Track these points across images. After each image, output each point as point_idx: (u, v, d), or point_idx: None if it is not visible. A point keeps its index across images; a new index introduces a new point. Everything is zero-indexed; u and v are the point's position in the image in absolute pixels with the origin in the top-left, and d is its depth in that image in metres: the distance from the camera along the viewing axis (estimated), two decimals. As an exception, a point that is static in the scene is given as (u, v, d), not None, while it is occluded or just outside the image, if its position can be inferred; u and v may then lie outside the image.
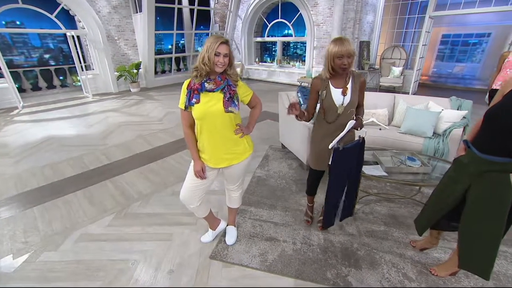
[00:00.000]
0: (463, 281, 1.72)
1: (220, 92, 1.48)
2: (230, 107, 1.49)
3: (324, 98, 1.66)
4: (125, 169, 3.23)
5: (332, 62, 1.56)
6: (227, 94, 1.49)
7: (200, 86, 1.44)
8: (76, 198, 2.68)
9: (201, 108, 1.47)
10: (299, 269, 1.81)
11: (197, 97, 1.47)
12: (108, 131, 4.61)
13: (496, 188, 1.34)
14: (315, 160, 1.94)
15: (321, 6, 7.96)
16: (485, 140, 1.37)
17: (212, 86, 1.45)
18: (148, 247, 2.01)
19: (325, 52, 1.61)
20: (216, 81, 1.46)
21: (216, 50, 1.37)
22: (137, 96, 7.42)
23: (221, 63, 1.40)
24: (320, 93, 1.69)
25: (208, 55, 1.37)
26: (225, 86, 1.48)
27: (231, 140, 1.61)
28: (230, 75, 1.50)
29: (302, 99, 3.54)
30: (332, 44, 1.55)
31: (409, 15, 8.34)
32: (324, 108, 1.69)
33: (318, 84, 1.69)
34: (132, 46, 8.33)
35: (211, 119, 1.50)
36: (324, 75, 1.66)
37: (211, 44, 1.37)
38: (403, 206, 2.45)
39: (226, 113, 1.49)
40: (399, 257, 1.90)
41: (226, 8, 10.05)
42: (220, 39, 1.38)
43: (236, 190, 1.92)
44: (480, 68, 10.49)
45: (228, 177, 1.82)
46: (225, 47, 1.39)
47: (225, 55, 1.40)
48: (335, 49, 1.52)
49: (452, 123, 2.83)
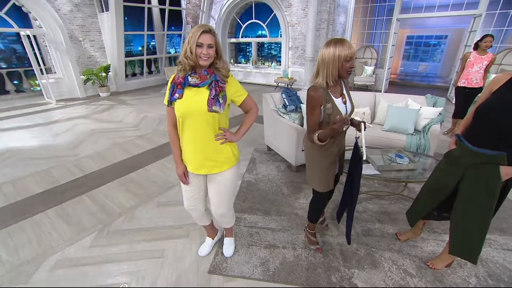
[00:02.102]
0: (458, 271, 1.80)
1: (206, 88, 1.30)
2: (214, 106, 1.30)
3: (331, 112, 1.41)
4: (102, 181, 2.96)
5: (340, 66, 1.36)
6: (213, 91, 1.30)
7: (183, 80, 1.29)
8: (47, 218, 2.39)
9: (183, 104, 1.31)
10: (303, 275, 1.76)
11: (180, 91, 1.31)
12: (79, 140, 4.22)
13: (486, 180, 1.40)
14: (325, 180, 1.64)
15: (295, 7, 8.08)
16: (475, 134, 1.43)
17: (196, 81, 1.28)
18: (139, 267, 1.84)
19: (326, 57, 1.37)
20: (201, 75, 1.29)
21: (198, 41, 1.21)
22: (107, 101, 6.93)
23: (204, 54, 1.23)
24: (324, 106, 1.41)
25: (190, 46, 1.22)
26: (212, 81, 1.30)
27: (213, 145, 1.41)
28: (219, 68, 1.32)
29: (287, 100, 3.52)
30: (336, 46, 1.33)
31: (377, 17, 8.78)
32: (329, 122, 1.44)
33: (321, 96, 1.41)
34: (99, 48, 7.78)
35: (193, 118, 1.33)
36: (323, 84, 1.41)
37: (193, 34, 1.21)
38: (393, 202, 2.52)
39: (209, 112, 1.31)
40: (397, 253, 1.94)
41: (199, 8, 9.80)
42: (202, 28, 1.22)
43: (222, 216, 1.68)
44: (440, 67, 11.42)
45: (211, 195, 1.59)
46: (209, 36, 1.22)
47: (209, 46, 1.23)
48: (345, 52, 1.32)
49: (430, 119, 2.98)
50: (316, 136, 1.43)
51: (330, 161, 1.60)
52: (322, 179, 1.64)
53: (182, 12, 9.99)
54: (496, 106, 1.32)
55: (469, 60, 3.92)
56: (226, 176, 1.52)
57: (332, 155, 1.59)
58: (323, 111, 1.44)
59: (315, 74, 1.45)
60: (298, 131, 2.94)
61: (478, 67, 3.83)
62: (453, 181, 1.54)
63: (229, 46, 10.57)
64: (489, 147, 1.36)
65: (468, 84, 3.95)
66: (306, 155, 1.69)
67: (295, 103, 3.48)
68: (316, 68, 1.44)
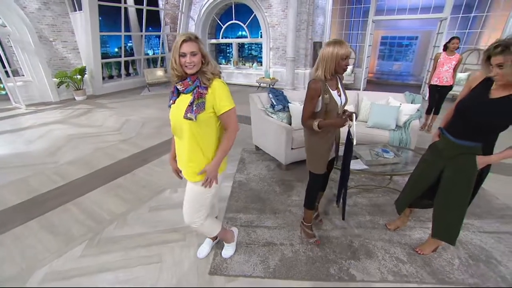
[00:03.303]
0: (443, 254, 1.94)
1: (190, 95, 1.30)
2: (189, 113, 1.27)
3: (329, 102, 1.59)
4: (88, 188, 2.82)
5: (337, 63, 1.55)
6: (193, 97, 1.29)
7: (174, 88, 1.38)
8: (29, 230, 2.24)
9: (172, 110, 1.39)
10: (303, 270, 1.81)
11: (173, 98, 1.38)
12: (56, 146, 3.99)
13: (465, 169, 1.54)
14: (323, 163, 1.82)
15: (275, 8, 8.19)
16: (456, 128, 1.57)
17: (181, 88, 1.31)
18: (136, 274, 1.79)
19: (325, 55, 1.54)
20: (184, 82, 1.30)
21: (180, 51, 1.22)
22: (84, 105, 6.60)
23: (189, 63, 1.24)
24: (322, 96, 1.59)
25: (174, 57, 1.25)
26: (195, 87, 1.29)
27: (188, 153, 1.39)
28: (205, 72, 1.30)
29: (274, 100, 3.57)
30: (335, 46, 1.52)
31: (353, 19, 9.14)
32: (327, 110, 1.63)
33: (320, 88, 1.58)
34: (72, 49, 7.39)
35: (176, 124, 1.37)
36: (322, 77, 1.59)
37: (175, 45, 1.23)
38: (381, 195, 2.65)
39: (184, 119, 1.29)
40: (388, 242, 2.05)
41: (177, 8, 9.62)
42: (181, 38, 1.22)
43: (194, 221, 1.57)
44: (413, 66, 12.13)
45: None
46: (190, 44, 1.22)
47: (193, 54, 1.23)
48: (342, 51, 1.51)
49: (410, 115, 3.18)
50: (316, 123, 1.60)
51: (328, 145, 1.78)
52: (320, 161, 1.82)
53: (160, 12, 9.76)
54: (473, 105, 1.45)
55: (439, 60, 4.23)
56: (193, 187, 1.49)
57: (329, 140, 1.78)
58: (322, 101, 1.61)
59: (315, 68, 1.62)
60: (287, 130, 3.00)
61: (448, 66, 4.16)
62: (436, 171, 1.68)
63: (209, 47, 10.47)
64: (467, 139, 1.49)
65: (439, 83, 4.26)
66: (307, 140, 1.84)
67: (282, 102, 3.54)
68: (317, 63, 1.61)
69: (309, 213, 2.02)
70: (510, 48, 1.22)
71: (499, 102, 1.35)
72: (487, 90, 1.42)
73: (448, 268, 1.82)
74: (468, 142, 1.49)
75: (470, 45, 7.95)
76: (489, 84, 1.42)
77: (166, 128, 4.77)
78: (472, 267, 1.83)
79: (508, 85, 1.32)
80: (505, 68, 1.26)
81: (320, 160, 1.81)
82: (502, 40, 1.27)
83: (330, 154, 1.85)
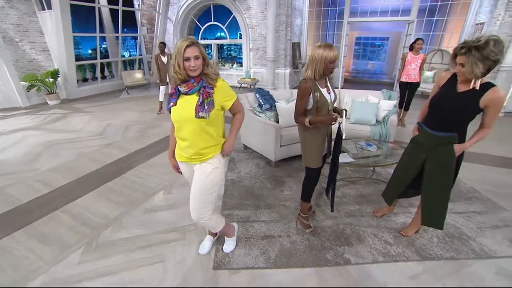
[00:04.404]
0: (424, 235, 2.15)
1: (196, 95, 1.40)
2: (200, 112, 1.38)
3: (319, 99, 1.73)
4: (76, 194, 2.74)
5: (325, 66, 1.67)
6: (200, 97, 1.39)
7: (175, 90, 1.43)
8: (16, 241, 2.14)
9: (176, 111, 1.44)
10: (302, 258, 1.93)
11: (174, 100, 1.44)
12: (34, 153, 3.78)
13: (445, 158, 1.73)
14: (319, 156, 1.93)
15: (253, 9, 8.31)
16: (432, 121, 1.76)
17: (185, 89, 1.39)
18: (141, 275, 1.80)
19: (315, 57, 1.67)
20: (188, 84, 1.38)
21: (185, 55, 1.31)
22: (59, 110, 6.26)
23: (193, 67, 1.34)
24: (313, 94, 1.73)
25: (177, 62, 1.32)
26: (200, 88, 1.40)
27: (200, 143, 1.50)
28: (208, 74, 1.41)
29: (261, 100, 3.68)
30: (324, 49, 1.63)
31: (329, 20, 9.52)
32: (318, 107, 1.76)
33: (310, 87, 1.72)
34: (42, 51, 6.97)
35: (184, 124, 1.44)
36: (312, 77, 1.72)
37: (178, 50, 1.31)
38: (366, 186, 2.86)
39: (196, 118, 1.39)
40: (376, 228, 2.23)
41: (154, 9, 9.42)
42: (184, 43, 1.31)
43: (204, 213, 1.61)
44: (385, 65, 12.88)
45: (193, 186, 1.59)
46: (193, 49, 1.32)
47: (196, 57, 1.34)
48: (331, 55, 1.63)
49: (388, 111, 3.43)
50: (307, 120, 1.77)
51: (322, 138, 1.91)
52: (315, 155, 1.94)
53: (136, 13, 9.49)
54: (444, 100, 1.65)
55: (407, 59, 4.65)
56: (205, 170, 1.55)
57: (322, 135, 1.91)
58: (313, 99, 1.74)
59: (305, 69, 1.78)
60: (276, 128, 3.12)
61: (415, 64, 4.58)
62: (419, 162, 1.85)
63: (188, 48, 10.33)
64: (443, 130, 1.69)
65: (408, 80, 4.65)
66: (302, 136, 1.96)
67: (269, 102, 3.66)
68: (307, 64, 1.76)
69: (305, 205, 2.15)
70: (472, 51, 1.40)
71: (465, 94, 1.56)
72: (454, 86, 1.62)
73: (429, 246, 2.03)
74: (444, 133, 1.69)
75: (434, 46, 8.63)
76: (456, 80, 1.62)
77: (151, 130, 4.70)
78: (448, 243, 2.06)
79: (469, 80, 1.52)
80: (466, 66, 1.45)
81: (316, 153, 1.92)
82: (467, 42, 1.45)
83: (324, 149, 1.97)
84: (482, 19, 6.22)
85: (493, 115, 1.55)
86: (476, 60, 1.39)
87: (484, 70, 1.42)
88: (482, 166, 3.35)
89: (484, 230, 2.22)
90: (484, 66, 1.40)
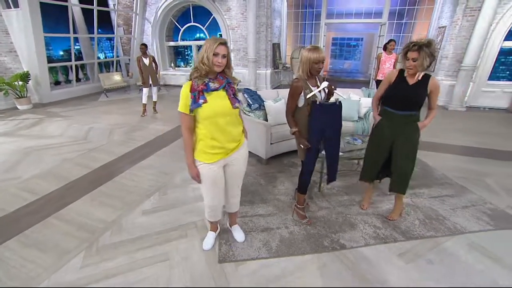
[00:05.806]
0: (407, 218, 2.39)
1: (222, 90, 1.56)
2: (236, 103, 1.60)
3: (310, 96, 1.88)
4: (68, 200, 2.66)
5: (310, 66, 1.84)
6: (229, 91, 1.58)
7: (205, 86, 1.50)
8: (9, 250, 2.06)
9: (210, 107, 1.51)
10: (301, 246, 2.06)
11: (203, 97, 1.50)
12: (12, 161, 3.58)
13: (410, 135, 2.04)
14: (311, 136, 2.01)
15: (234, 11, 8.37)
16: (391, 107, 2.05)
17: (216, 85, 1.52)
18: (147, 274, 1.83)
19: (302, 58, 1.86)
20: (218, 80, 1.54)
21: (215, 50, 1.44)
22: (31, 115, 5.91)
23: (219, 63, 1.47)
24: (304, 92, 1.89)
25: (207, 55, 1.44)
26: (226, 84, 1.57)
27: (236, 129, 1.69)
28: (227, 74, 1.58)
29: (250, 99, 3.78)
30: (309, 52, 1.82)
31: (306, 21, 9.84)
32: (309, 104, 1.90)
33: (300, 86, 1.88)
34: (8, 52, 6.53)
35: (218, 118, 1.56)
36: (303, 77, 1.90)
37: (210, 44, 1.44)
38: (353, 178, 3.07)
39: (234, 109, 1.59)
40: (365, 215, 2.43)
41: (130, 10, 9.16)
42: (219, 40, 1.45)
43: (238, 194, 1.97)
44: (361, 64, 13.55)
45: (232, 176, 1.81)
46: (224, 48, 1.46)
47: (223, 56, 1.47)
48: (314, 56, 1.80)
49: (368, 107, 3.69)
50: (294, 130, 2.00)
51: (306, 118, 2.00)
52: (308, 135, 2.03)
53: (111, 14, 9.17)
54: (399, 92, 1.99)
55: (382, 59, 5.04)
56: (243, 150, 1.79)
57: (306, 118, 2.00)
58: (304, 96, 1.90)
59: (297, 69, 1.95)
60: (267, 126, 3.24)
61: (389, 64, 4.99)
62: (388, 143, 2.11)
63: (167, 50, 10.17)
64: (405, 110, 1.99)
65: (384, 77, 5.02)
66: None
67: (258, 101, 3.77)
68: (298, 65, 1.93)
69: (301, 197, 2.29)
70: (423, 48, 1.77)
71: (416, 85, 1.92)
72: (404, 80, 1.97)
73: (412, 228, 2.26)
74: (407, 111, 1.98)
75: (404, 46, 9.26)
76: (403, 76, 1.97)
77: (137, 133, 4.63)
78: (428, 224, 2.31)
79: (415, 73, 1.90)
80: (419, 60, 1.80)
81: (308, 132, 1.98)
82: (417, 41, 1.82)
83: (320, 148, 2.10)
84: (444, 23, 6.79)
85: (435, 97, 1.97)
86: (425, 55, 1.77)
87: (429, 64, 1.81)
88: (451, 156, 3.73)
89: (456, 210, 2.50)
90: (430, 60, 1.79)
